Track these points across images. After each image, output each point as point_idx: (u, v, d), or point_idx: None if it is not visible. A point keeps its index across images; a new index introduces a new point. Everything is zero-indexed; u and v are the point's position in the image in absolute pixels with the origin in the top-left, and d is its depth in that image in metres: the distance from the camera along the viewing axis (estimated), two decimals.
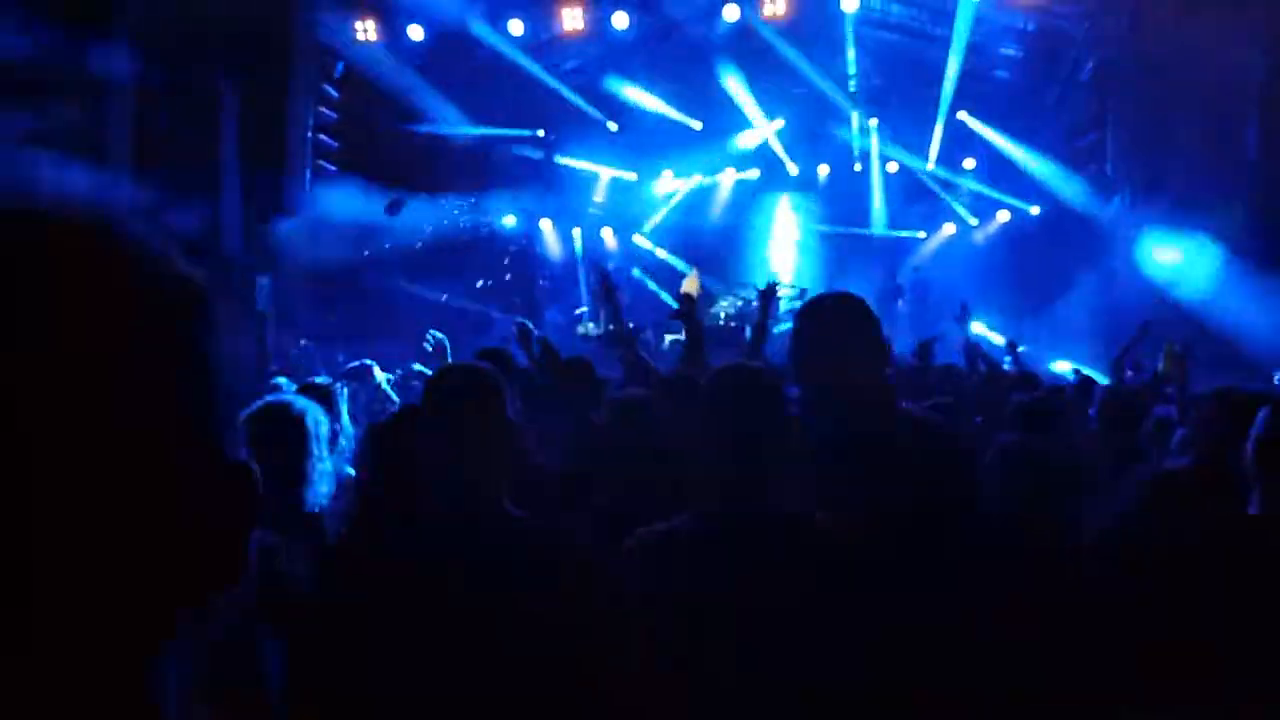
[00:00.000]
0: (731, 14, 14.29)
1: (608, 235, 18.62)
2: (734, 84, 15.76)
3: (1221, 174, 11.63)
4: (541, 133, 17.11)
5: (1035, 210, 15.99)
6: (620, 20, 14.46)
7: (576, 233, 18.42)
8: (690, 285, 14.41)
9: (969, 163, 16.57)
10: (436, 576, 1.99)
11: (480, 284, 16.28)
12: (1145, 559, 2.29)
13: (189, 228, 12.64)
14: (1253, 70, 11.27)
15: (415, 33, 14.72)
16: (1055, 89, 14.88)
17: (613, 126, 16.98)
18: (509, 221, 17.96)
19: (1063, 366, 10.62)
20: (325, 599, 2.11)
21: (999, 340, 8.88)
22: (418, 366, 6.37)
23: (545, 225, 18.35)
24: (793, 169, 17.60)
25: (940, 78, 14.79)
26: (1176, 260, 12.11)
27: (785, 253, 17.97)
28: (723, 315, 15.07)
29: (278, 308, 15.03)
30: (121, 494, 0.55)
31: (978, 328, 12.22)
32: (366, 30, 14.53)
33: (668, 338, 13.78)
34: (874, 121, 16.65)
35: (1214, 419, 2.71)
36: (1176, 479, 2.78)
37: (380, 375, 5.02)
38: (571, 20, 14.30)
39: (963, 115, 15.65)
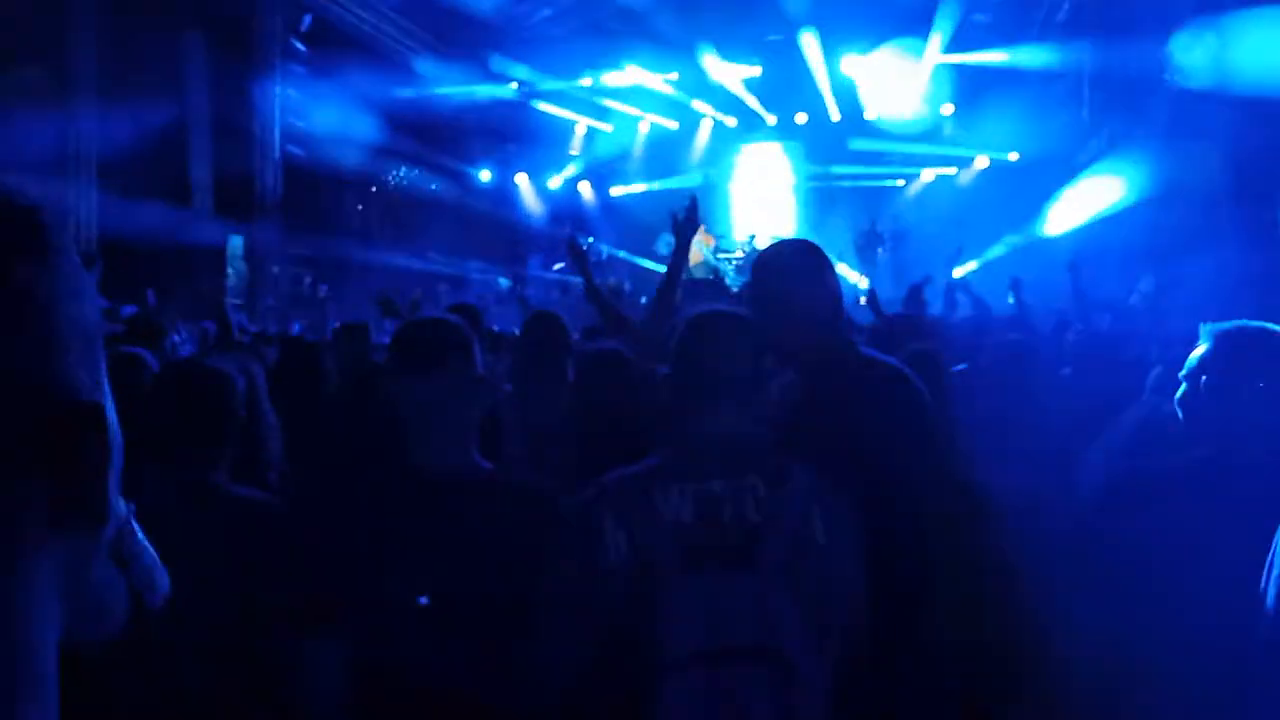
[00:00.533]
0: None
1: (585, 189, 18.47)
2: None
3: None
4: (515, 85, 16.84)
5: (1014, 156, 15.94)
6: None
7: (554, 184, 18.25)
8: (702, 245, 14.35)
9: (947, 108, 16.47)
10: (409, 528, 1.99)
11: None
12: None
13: (157, 184, 12.48)
14: None
15: None
16: (1034, 32, 14.75)
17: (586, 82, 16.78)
18: (484, 176, 17.78)
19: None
20: (303, 552, 2.10)
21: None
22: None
23: (521, 179, 18.18)
24: (770, 119, 17.44)
25: (922, 23, 14.65)
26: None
27: (764, 202, 17.88)
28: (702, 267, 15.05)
29: (253, 266, 14.90)
30: None
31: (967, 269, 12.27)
32: None
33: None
34: (854, 69, 16.42)
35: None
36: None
37: None
38: None
39: (944, 58, 15.50)
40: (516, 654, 1.88)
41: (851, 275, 12.18)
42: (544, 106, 17.39)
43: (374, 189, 16.77)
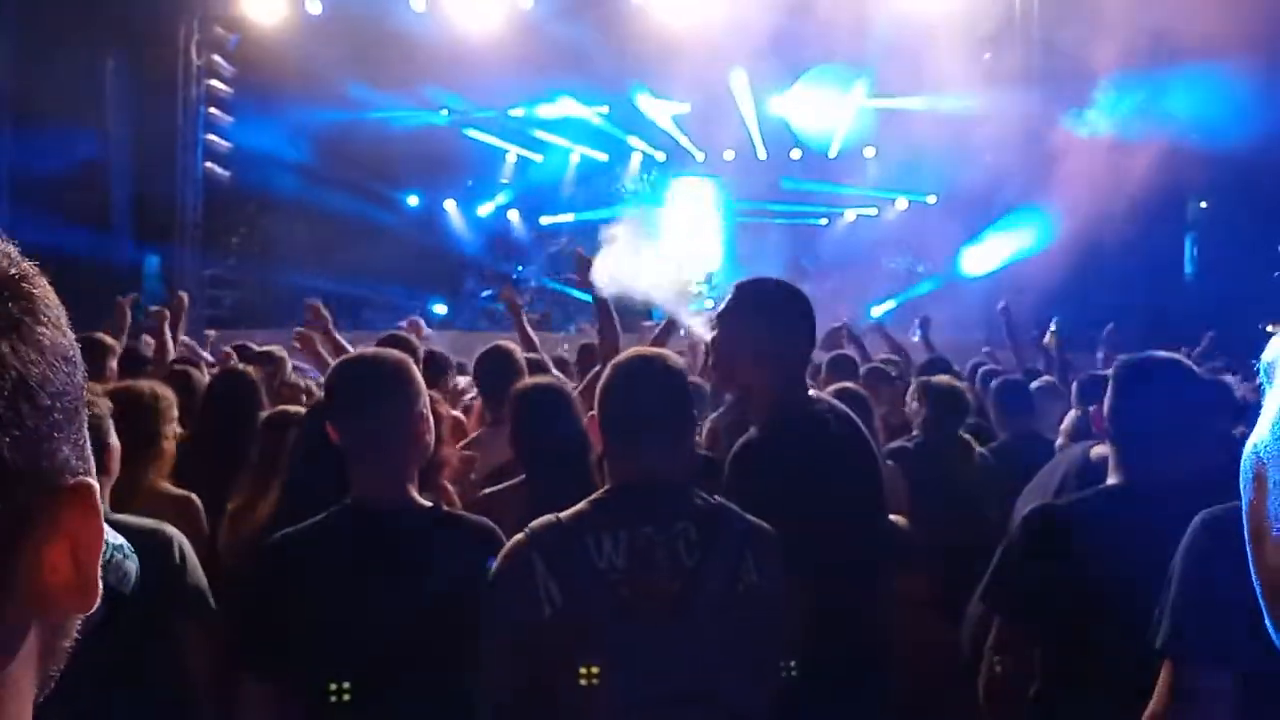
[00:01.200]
0: None
1: (514, 217, 18.45)
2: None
3: None
4: (446, 111, 16.79)
5: (932, 199, 16.40)
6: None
7: (483, 211, 18.21)
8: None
9: (869, 151, 16.88)
10: (350, 567, 1.98)
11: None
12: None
13: (75, 204, 12.12)
14: None
15: (314, 6, 14.30)
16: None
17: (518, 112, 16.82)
18: (412, 201, 17.67)
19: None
20: (254, 590, 2.10)
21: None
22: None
23: (450, 206, 18.10)
24: (699, 155, 17.68)
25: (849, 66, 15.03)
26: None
27: (693, 236, 18.07)
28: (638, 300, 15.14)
29: (170, 287, 14.50)
30: None
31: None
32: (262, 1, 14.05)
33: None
34: (780, 107, 16.75)
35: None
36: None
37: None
38: None
39: (869, 103, 15.91)
40: (458, 689, 1.88)
41: None
42: (475, 134, 17.38)
43: (299, 211, 16.52)
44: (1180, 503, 1.77)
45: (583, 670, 1.80)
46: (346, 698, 1.92)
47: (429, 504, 2.11)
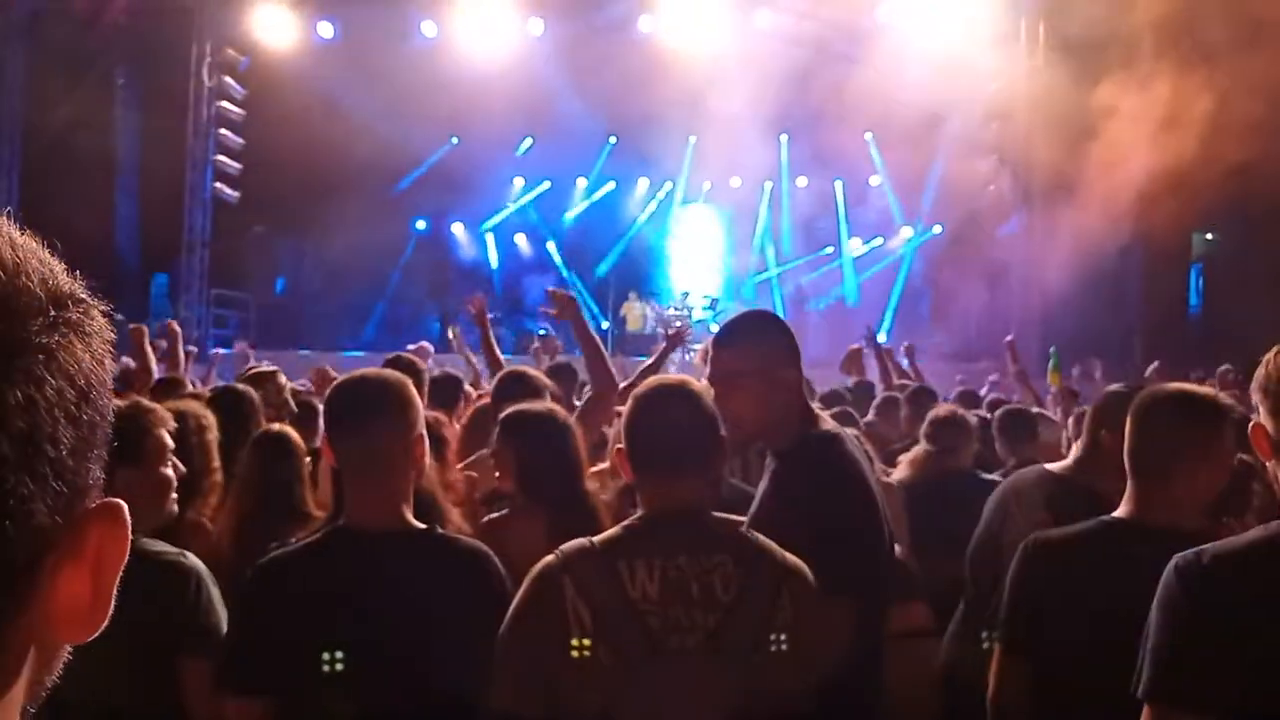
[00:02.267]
0: (646, 25, 14.36)
1: (521, 241, 18.52)
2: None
3: None
4: (456, 140, 16.90)
5: (938, 229, 16.44)
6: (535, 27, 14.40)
7: (489, 238, 18.28)
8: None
9: (875, 179, 16.95)
10: (339, 587, 1.96)
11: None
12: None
13: (83, 219, 12.18)
14: None
15: (325, 30, 14.44)
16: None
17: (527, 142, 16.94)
18: (420, 225, 17.77)
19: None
20: (241, 608, 2.06)
21: None
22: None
23: (457, 229, 18.18)
24: (705, 184, 17.76)
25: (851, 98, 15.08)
26: None
27: (696, 263, 18.12)
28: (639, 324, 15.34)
29: (175, 305, 14.56)
30: None
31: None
32: (274, 26, 14.18)
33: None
34: (784, 137, 16.86)
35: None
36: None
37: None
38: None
39: (869, 136, 15.98)
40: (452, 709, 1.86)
41: None
42: (482, 159, 17.47)
43: (306, 233, 16.60)
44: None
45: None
46: None
47: (423, 526, 2.08)
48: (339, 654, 1.91)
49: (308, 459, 3.09)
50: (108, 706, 2.13)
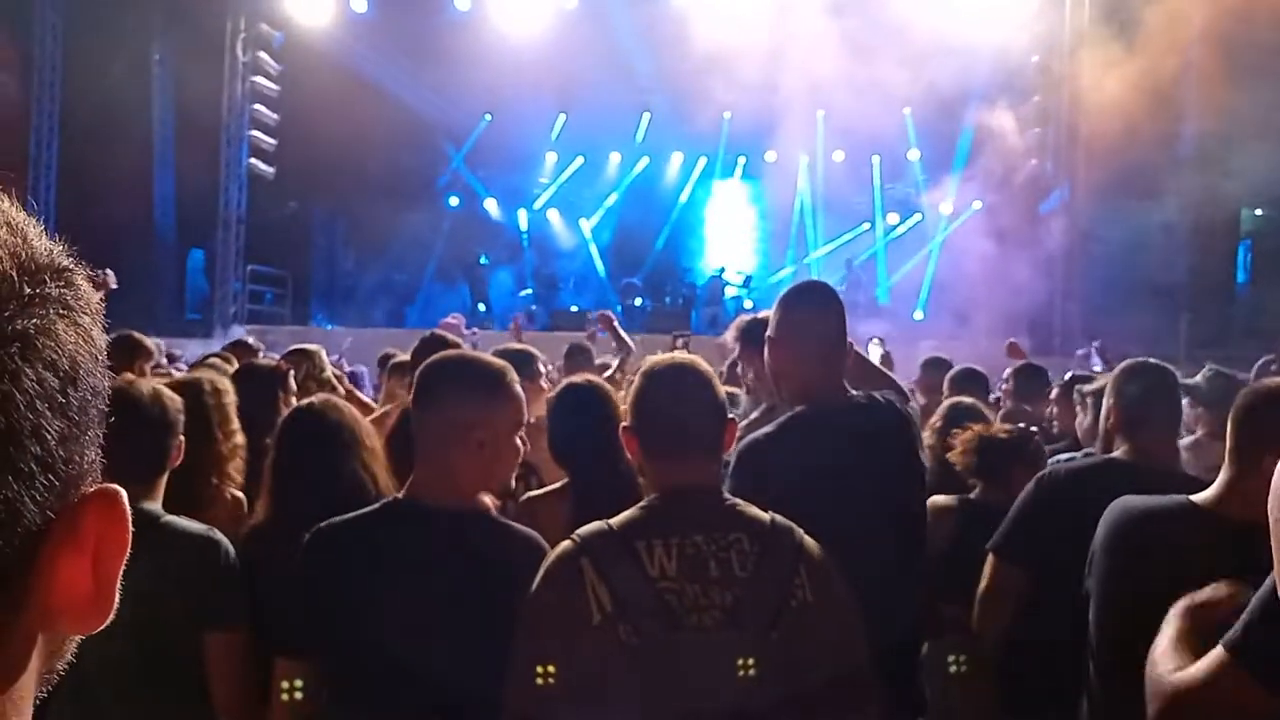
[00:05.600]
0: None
1: (554, 217, 18.46)
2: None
3: None
4: (489, 116, 16.85)
5: (978, 205, 16.19)
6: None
7: (522, 214, 18.23)
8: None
9: (914, 154, 16.71)
10: (389, 559, 1.99)
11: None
12: None
13: (120, 194, 12.31)
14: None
15: (359, 4, 14.42)
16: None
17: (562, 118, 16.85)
18: (453, 202, 17.78)
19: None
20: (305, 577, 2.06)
21: None
22: None
23: (490, 204, 18.16)
24: (740, 158, 17.59)
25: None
26: None
27: (732, 239, 18.01)
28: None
29: (217, 281, 14.70)
30: None
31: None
32: (308, 1, 14.18)
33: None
34: (821, 113, 16.64)
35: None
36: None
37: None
38: None
39: (907, 111, 15.73)
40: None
41: None
42: (515, 135, 17.41)
43: (340, 209, 16.68)
44: None
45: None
46: (374, 689, 1.90)
47: (483, 509, 2.09)
48: (383, 624, 1.91)
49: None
50: (133, 683, 2.13)
